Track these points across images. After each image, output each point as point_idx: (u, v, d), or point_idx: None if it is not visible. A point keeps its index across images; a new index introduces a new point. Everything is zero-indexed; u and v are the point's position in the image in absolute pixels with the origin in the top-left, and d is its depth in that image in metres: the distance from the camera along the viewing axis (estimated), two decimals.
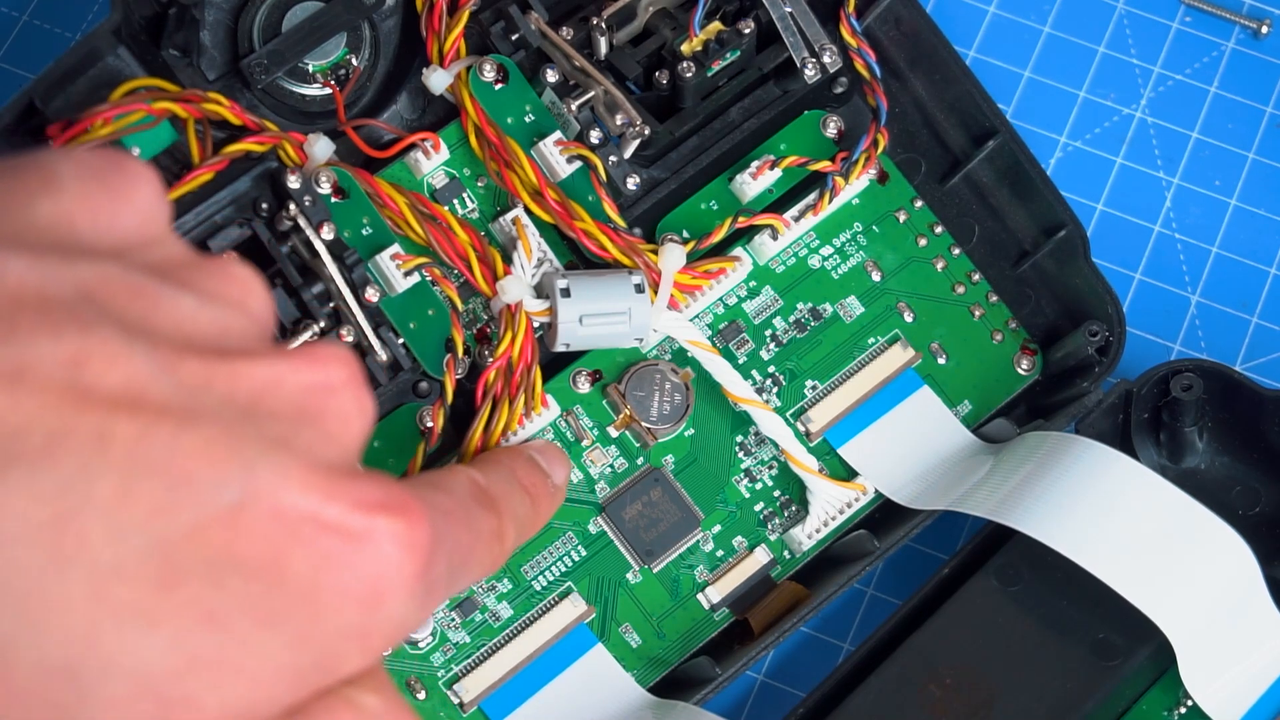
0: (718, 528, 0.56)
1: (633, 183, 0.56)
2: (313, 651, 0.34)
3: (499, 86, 0.56)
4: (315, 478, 0.33)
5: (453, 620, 0.54)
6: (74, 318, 0.32)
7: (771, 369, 0.57)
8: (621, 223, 0.55)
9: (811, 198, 0.57)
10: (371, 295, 0.53)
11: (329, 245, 0.53)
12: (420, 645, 0.53)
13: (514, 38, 0.56)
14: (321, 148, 0.53)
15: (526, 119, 0.56)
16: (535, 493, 0.48)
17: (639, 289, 0.54)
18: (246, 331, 0.35)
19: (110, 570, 0.31)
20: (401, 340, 0.53)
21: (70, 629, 0.31)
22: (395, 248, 0.54)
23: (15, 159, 0.34)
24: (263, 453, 0.33)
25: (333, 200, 0.53)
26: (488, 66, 0.55)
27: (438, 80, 0.55)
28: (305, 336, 0.52)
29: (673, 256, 0.54)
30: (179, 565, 0.32)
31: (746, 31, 0.56)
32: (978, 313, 0.59)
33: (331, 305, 0.53)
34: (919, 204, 0.59)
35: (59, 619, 0.31)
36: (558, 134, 0.56)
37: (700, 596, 0.55)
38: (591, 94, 0.56)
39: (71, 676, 0.32)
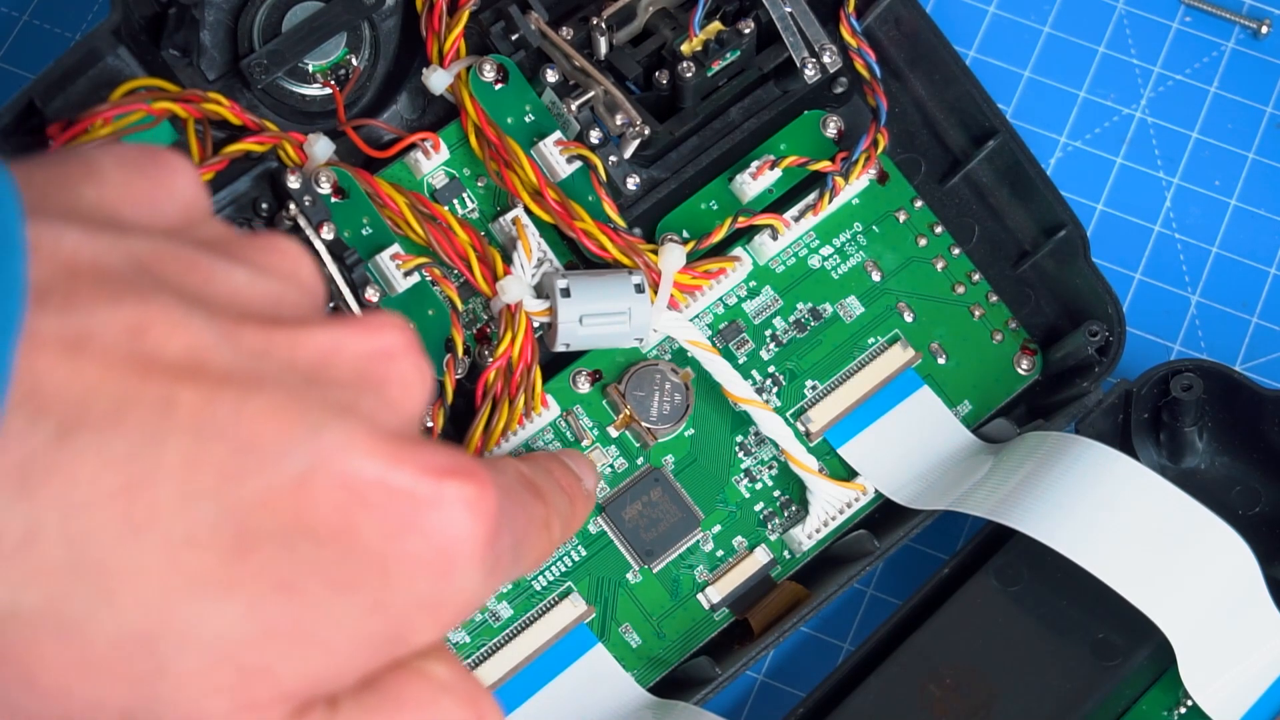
0: (718, 528, 0.56)
1: (633, 183, 0.56)
2: (387, 620, 0.33)
3: (499, 86, 0.56)
4: (382, 444, 0.33)
5: None
6: (131, 287, 0.31)
7: (771, 369, 0.57)
8: (621, 223, 0.55)
9: (811, 198, 0.57)
10: (371, 295, 0.53)
11: (329, 245, 0.53)
12: None
13: (514, 38, 0.56)
14: (321, 148, 0.53)
15: (526, 119, 0.56)
16: (572, 493, 0.47)
17: (639, 289, 0.54)
18: (300, 302, 0.35)
19: (183, 538, 0.31)
20: None
21: (146, 599, 0.31)
22: (395, 248, 0.54)
23: (55, 153, 0.34)
24: (328, 418, 0.32)
25: (333, 200, 0.53)
26: (488, 66, 0.55)
27: (438, 80, 0.55)
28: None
29: (673, 256, 0.54)
30: (250, 532, 0.31)
31: (746, 31, 0.56)
32: (978, 313, 0.59)
33: (332, 305, 0.53)
34: (919, 204, 0.59)
35: (134, 589, 0.31)
36: (558, 134, 0.56)
37: (700, 596, 0.55)
38: (591, 94, 0.56)
39: (149, 648, 0.31)
